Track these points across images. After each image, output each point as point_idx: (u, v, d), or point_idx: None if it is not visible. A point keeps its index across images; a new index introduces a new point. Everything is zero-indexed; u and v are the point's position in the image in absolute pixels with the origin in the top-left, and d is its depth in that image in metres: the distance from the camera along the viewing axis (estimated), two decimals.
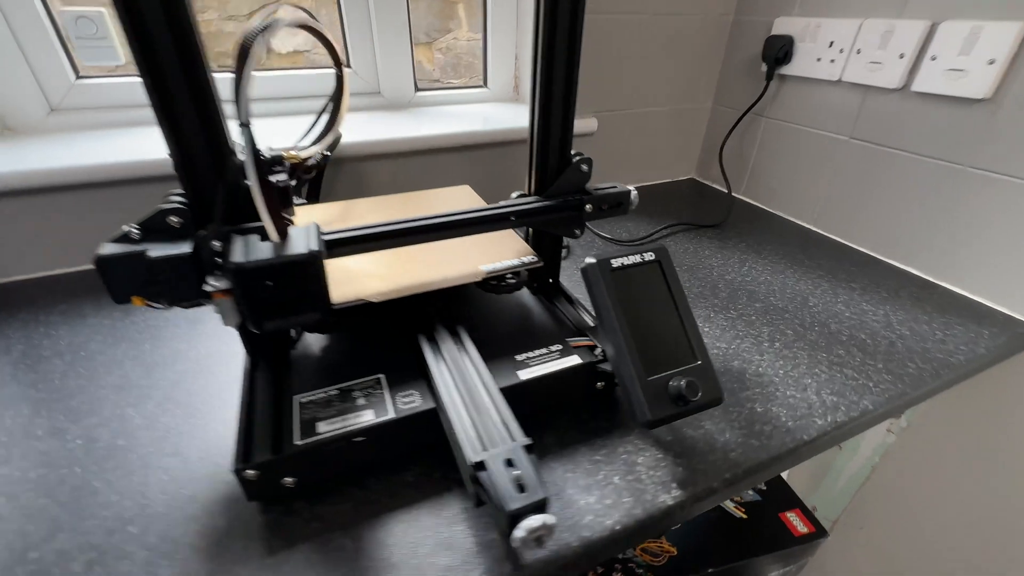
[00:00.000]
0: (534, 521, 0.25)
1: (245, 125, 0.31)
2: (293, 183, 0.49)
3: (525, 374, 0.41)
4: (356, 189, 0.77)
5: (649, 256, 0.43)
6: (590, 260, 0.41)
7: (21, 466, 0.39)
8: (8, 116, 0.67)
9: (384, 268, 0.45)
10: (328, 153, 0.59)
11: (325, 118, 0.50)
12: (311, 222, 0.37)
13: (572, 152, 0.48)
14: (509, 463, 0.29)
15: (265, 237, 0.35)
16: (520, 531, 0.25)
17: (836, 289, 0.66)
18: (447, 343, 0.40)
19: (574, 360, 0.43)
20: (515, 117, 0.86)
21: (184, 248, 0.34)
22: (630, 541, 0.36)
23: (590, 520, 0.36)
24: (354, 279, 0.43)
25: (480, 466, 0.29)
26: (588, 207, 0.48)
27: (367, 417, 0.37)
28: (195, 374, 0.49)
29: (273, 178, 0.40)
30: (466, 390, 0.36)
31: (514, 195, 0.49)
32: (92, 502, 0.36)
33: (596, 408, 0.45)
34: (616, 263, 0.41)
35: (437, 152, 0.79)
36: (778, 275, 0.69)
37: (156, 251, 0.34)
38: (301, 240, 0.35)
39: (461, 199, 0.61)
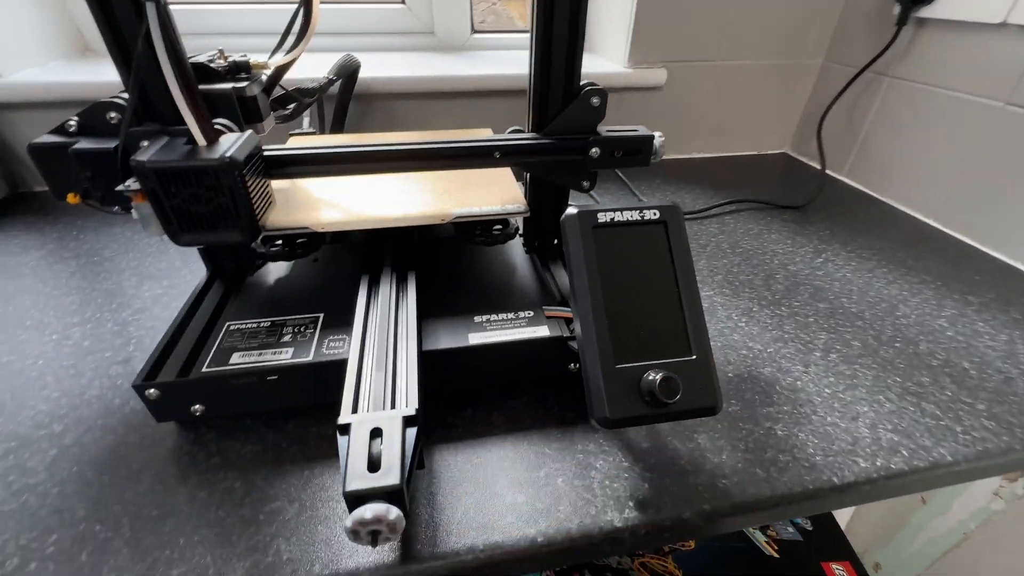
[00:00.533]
0: (366, 512, 0.19)
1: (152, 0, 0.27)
2: (260, 94, 0.46)
3: (477, 338, 0.35)
4: (386, 128, 0.73)
5: (652, 215, 0.33)
6: (570, 210, 0.33)
7: (5, 349, 0.41)
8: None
9: (350, 200, 0.40)
10: (334, 78, 0.55)
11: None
12: (250, 133, 0.33)
13: (583, 83, 0.39)
14: (376, 433, 0.23)
15: (194, 141, 0.32)
16: (349, 520, 0.19)
17: (943, 300, 0.50)
18: (387, 289, 0.35)
19: (541, 331, 0.36)
20: (594, 64, 0.76)
21: (110, 144, 0.31)
22: (554, 561, 0.29)
23: (508, 523, 0.29)
24: (310, 207, 0.39)
25: (344, 430, 0.23)
26: (594, 151, 0.39)
27: (284, 356, 0.33)
28: (180, 292, 0.49)
29: (230, 85, 0.37)
30: (379, 343, 0.30)
31: (509, 131, 0.42)
32: (37, 395, 0.37)
33: (566, 393, 0.38)
34: (604, 218, 0.33)
35: (474, 95, 0.73)
36: (863, 273, 0.54)
37: (82, 144, 0.32)
38: (226, 147, 0.31)
39: None
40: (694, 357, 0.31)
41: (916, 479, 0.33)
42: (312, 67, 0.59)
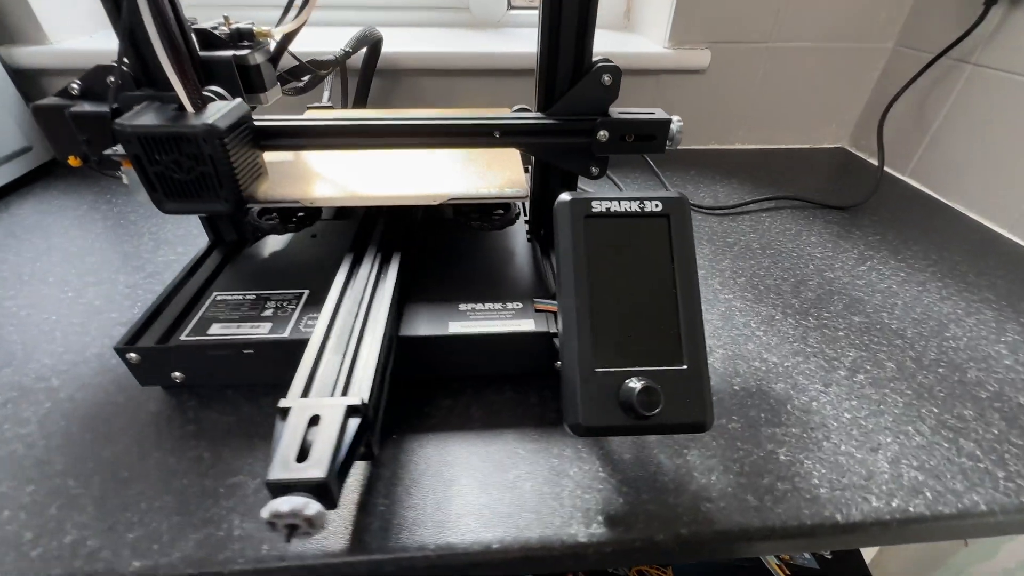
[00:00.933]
0: (282, 504, 0.18)
1: None
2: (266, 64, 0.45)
3: (457, 327, 0.33)
4: (412, 105, 0.72)
5: (654, 206, 0.30)
6: (563, 196, 0.30)
7: (22, 303, 0.43)
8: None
9: (348, 176, 0.39)
10: (350, 51, 0.54)
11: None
12: (239, 102, 0.32)
13: (596, 59, 0.35)
14: (315, 421, 0.22)
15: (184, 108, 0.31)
16: (267, 509, 0.18)
17: (1005, 324, 0.44)
18: (366, 269, 0.34)
19: (526, 325, 0.34)
20: (620, 46, 0.71)
21: (104, 107, 0.32)
22: (509, 569, 0.27)
23: (466, 525, 0.28)
24: (306, 181, 0.38)
25: (285, 414, 0.22)
26: (602, 135, 0.36)
27: (261, 331, 0.33)
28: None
29: (231, 52, 0.36)
30: (345, 325, 0.29)
31: (514, 109, 0.39)
32: (45, 349, 0.39)
33: (551, 392, 0.35)
34: (598, 207, 0.30)
35: (506, 74, 0.70)
36: (912, 286, 0.48)
37: (78, 107, 0.32)
38: (211, 114, 0.30)
39: None
40: (685, 367, 0.28)
41: (938, 527, 0.29)
42: (339, 40, 0.58)
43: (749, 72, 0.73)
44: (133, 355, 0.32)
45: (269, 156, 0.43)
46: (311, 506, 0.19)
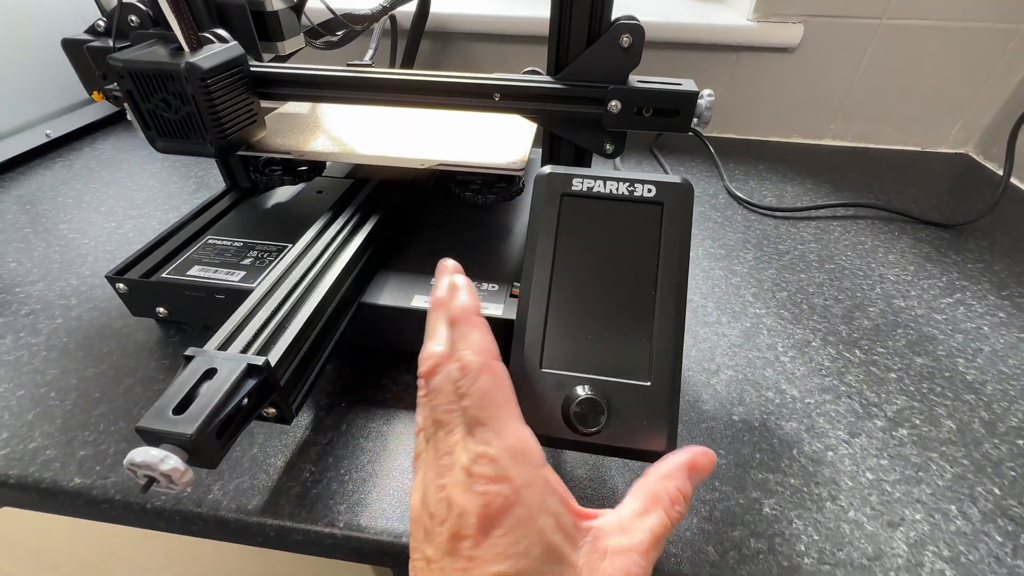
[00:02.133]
0: (143, 455, 0.18)
1: None
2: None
3: (421, 301, 0.31)
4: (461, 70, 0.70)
5: (647, 191, 0.26)
6: (544, 169, 0.27)
7: (73, 227, 0.48)
8: None
9: (351, 134, 0.38)
10: (386, 5, 0.52)
11: None
12: (233, 44, 0.32)
13: (616, 17, 0.31)
14: (209, 374, 0.21)
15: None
16: (127, 458, 0.18)
17: None
18: (334, 229, 0.32)
19: (494, 310, 0.31)
20: (707, 16, 0.63)
21: (111, 42, 0.33)
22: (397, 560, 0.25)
23: (382, 510, 0.26)
24: (308, 134, 0.38)
25: (188, 361, 0.22)
26: (614, 105, 0.31)
27: (234, 278, 0.33)
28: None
29: None
30: (291, 282, 0.28)
31: (524, 71, 0.35)
32: (75, 271, 0.42)
33: None
34: (579, 185, 0.26)
35: None
36: (1011, 332, 0.38)
37: (98, 42, 0.33)
38: (199, 54, 0.30)
39: None
40: (648, 384, 0.24)
41: None
42: None
43: (851, 54, 0.61)
44: (121, 285, 0.33)
45: (287, 107, 0.43)
46: (168, 461, 0.18)
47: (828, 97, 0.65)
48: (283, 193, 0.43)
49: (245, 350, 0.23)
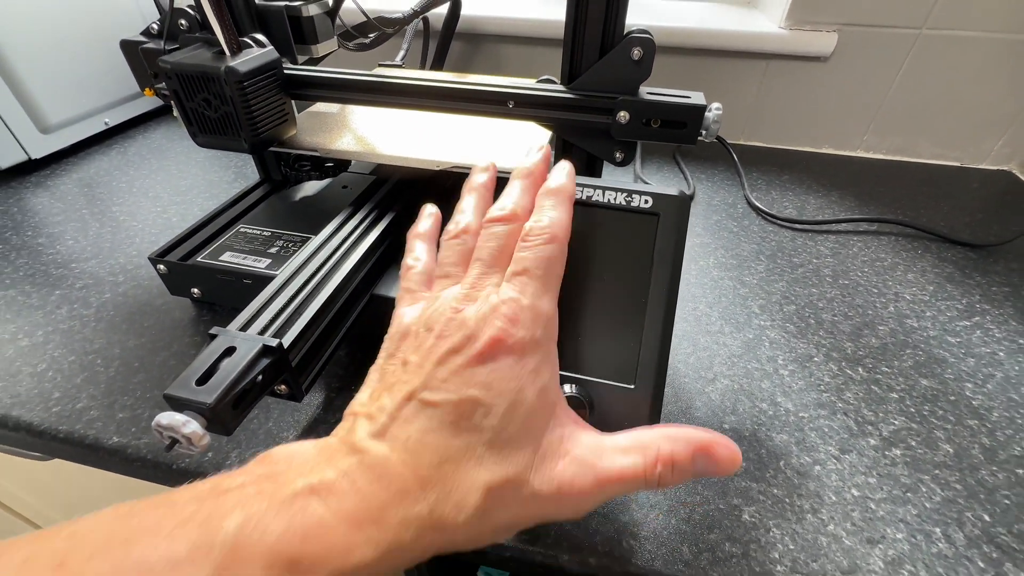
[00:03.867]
0: (168, 418, 0.20)
1: None
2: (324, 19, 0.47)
3: None
4: (490, 72, 0.71)
5: (643, 202, 0.27)
6: None
7: (124, 210, 0.52)
8: None
9: (377, 134, 0.40)
10: (417, 9, 0.54)
11: None
12: (269, 49, 0.35)
13: (630, 29, 0.31)
14: (230, 352, 0.23)
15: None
16: (155, 420, 0.20)
17: None
18: (353, 223, 0.35)
19: None
20: (740, 21, 0.63)
21: (162, 44, 0.36)
22: None
23: None
24: (336, 133, 0.40)
25: (212, 338, 0.24)
26: (622, 115, 0.32)
27: (260, 265, 0.36)
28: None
29: (284, 3, 0.38)
30: (309, 271, 0.30)
31: (538, 80, 0.37)
32: (123, 251, 0.46)
33: None
34: (579, 194, 0.27)
35: None
36: None
37: (151, 44, 0.36)
38: (238, 58, 0.33)
39: None
40: (632, 387, 0.25)
41: None
42: None
43: (887, 64, 0.60)
44: (161, 266, 0.37)
45: (318, 106, 0.46)
46: (189, 425, 0.20)
47: (861, 108, 0.64)
48: (311, 187, 0.46)
49: (263, 332, 0.26)
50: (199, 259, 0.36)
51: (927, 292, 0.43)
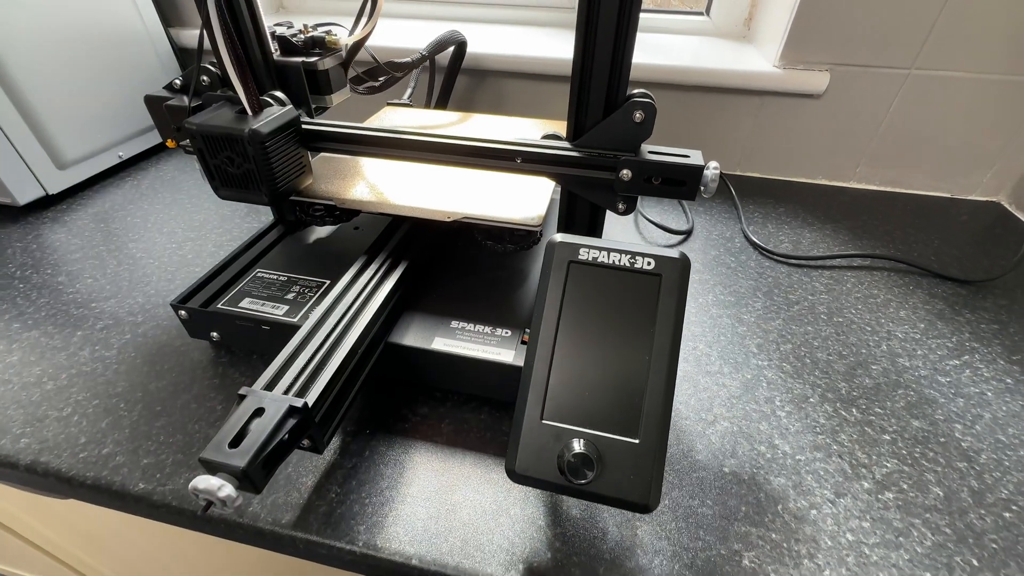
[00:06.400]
0: (202, 483, 0.21)
1: None
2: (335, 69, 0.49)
3: (440, 344, 0.35)
4: (493, 107, 0.73)
5: (646, 264, 0.28)
6: (556, 237, 0.30)
7: (140, 246, 0.54)
8: None
9: (387, 181, 0.42)
10: (426, 53, 0.56)
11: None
12: (288, 108, 0.36)
13: (632, 92, 0.33)
14: (259, 412, 0.25)
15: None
16: (192, 484, 0.22)
17: None
18: (370, 273, 0.36)
19: (504, 355, 0.34)
20: (728, 58, 0.66)
21: (186, 102, 0.38)
22: None
23: (395, 533, 0.29)
24: (349, 181, 0.42)
25: (241, 399, 0.26)
26: (625, 173, 0.34)
27: (277, 312, 0.37)
28: None
29: (301, 59, 0.40)
30: (330, 325, 0.32)
31: (542, 136, 0.38)
32: (141, 289, 0.48)
33: None
34: (585, 255, 0.29)
35: None
36: (1016, 399, 0.39)
37: (174, 101, 0.38)
38: (260, 119, 0.34)
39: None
40: (637, 442, 0.26)
41: None
42: (433, 35, 0.61)
43: (878, 102, 0.62)
44: (183, 312, 0.38)
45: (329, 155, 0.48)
46: (224, 489, 0.22)
47: (854, 141, 0.66)
48: (324, 228, 0.48)
49: (287, 390, 0.27)
50: (219, 306, 0.38)
51: (918, 330, 0.45)
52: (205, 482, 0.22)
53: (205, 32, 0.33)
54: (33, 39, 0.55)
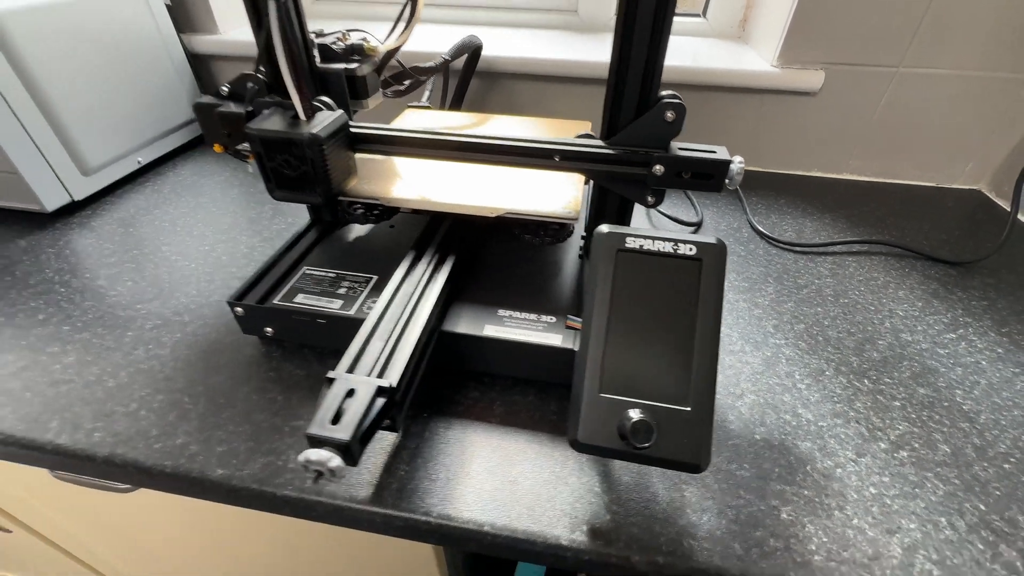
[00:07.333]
0: (314, 455, 0.24)
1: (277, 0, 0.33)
2: (375, 74, 0.51)
3: (491, 331, 0.37)
4: (504, 107, 0.76)
5: (688, 249, 0.31)
6: (602, 228, 0.32)
7: (173, 249, 0.55)
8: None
9: (427, 180, 0.45)
10: (448, 58, 0.59)
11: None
12: (340, 113, 0.38)
13: (663, 93, 0.36)
14: (351, 394, 0.27)
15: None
16: (303, 456, 0.24)
17: None
18: (423, 267, 0.39)
19: (553, 339, 0.37)
20: (729, 58, 0.69)
21: (242, 109, 0.39)
22: (495, 551, 0.31)
23: (465, 503, 0.32)
24: (390, 180, 0.44)
25: (330, 383, 0.28)
26: (658, 168, 0.37)
27: (333, 306, 0.39)
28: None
29: (343, 65, 0.42)
30: (394, 315, 0.34)
31: (578, 134, 0.41)
32: (183, 291, 0.49)
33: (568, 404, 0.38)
34: (632, 243, 0.32)
35: (600, 84, 0.71)
36: (1007, 366, 0.43)
37: (223, 107, 0.40)
38: (316, 123, 0.36)
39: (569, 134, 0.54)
40: (688, 409, 0.29)
41: None
42: (448, 39, 0.64)
43: (870, 98, 0.66)
44: (239, 309, 0.40)
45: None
46: (334, 460, 0.24)
47: (847, 135, 0.70)
48: (359, 227, 0.50)
49: (369, 373, 0.29)
50: (275, 302, 0.40)
51: (917, 308, 0.49)
52: (316, 454, 0.24)
53: (264, 42, 0.35)
54: (58, 48, 0.56)
